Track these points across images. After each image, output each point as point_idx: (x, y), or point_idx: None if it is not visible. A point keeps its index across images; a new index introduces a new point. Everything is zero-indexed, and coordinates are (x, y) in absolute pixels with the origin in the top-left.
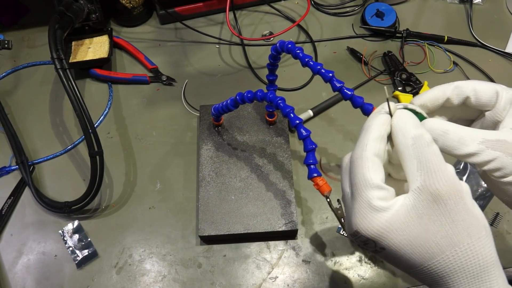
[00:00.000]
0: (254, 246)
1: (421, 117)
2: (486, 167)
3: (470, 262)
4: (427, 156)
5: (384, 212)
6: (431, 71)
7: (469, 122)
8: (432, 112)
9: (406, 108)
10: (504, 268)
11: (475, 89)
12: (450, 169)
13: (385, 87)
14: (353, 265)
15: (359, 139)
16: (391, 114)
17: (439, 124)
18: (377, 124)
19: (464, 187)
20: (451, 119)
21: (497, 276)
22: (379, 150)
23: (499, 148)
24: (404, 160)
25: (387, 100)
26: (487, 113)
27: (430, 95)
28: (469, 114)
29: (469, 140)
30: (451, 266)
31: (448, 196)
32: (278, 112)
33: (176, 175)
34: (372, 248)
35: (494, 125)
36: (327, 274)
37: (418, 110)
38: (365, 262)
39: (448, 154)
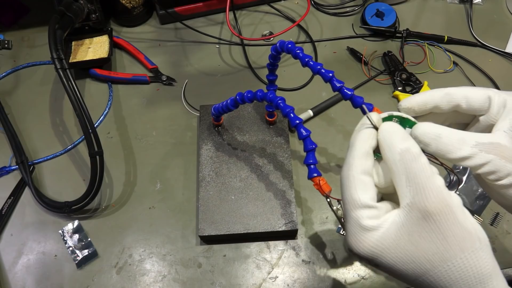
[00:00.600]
0: (254, 246)
1: (410, 123)
2: (480, 171)
3: (465, 275)
4: (415, 172)
5: (375, 231)
6: (431, 71)
7: (463, 126)
8: (421, 117)
9: (392, 115)
10: (504, 268)
11: (466, 96)
12: (439, 183)
13: (363, 105)
14: (353, 265)
15: (346, 157)
16: (376, 128)
17: (431, 128)
18: (360, 141)
19: (454, 201)
20: (443, 124)
21: (495, 286)
22: (365, 167)
23: (492, 151)
24: (393, 175)
25: (368, 116)
26: (481, 117)
27: (418, 99)
28: (463, 119)
29: (462, 143)
30: (445, 280)
31: (437, 213)
32: (278, 112)
33: (176, 175)
34: (369, 264)
35: (488, 128)
36: (327, 274)
37: (405, 116)
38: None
39: (442, 158)
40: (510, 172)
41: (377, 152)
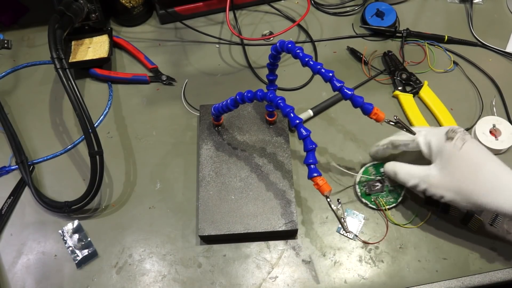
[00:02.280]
0: (254, 246)
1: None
2: (426, 193)
3: None
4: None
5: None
6: (431, 71)
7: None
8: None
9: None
10: (504, 268)
11: (404, 142)
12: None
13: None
14: (353, 265)
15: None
16: None
17: (391, 166)
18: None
19: None
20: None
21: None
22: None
23: (427, 181)
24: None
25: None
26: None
27: (378, 154)
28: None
29: (410, 177)
30: None
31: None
32: (278, 112)
33: (176, 175)
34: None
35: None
36: (327, 274)
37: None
38: (365, 262)
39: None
40: (442, 195)
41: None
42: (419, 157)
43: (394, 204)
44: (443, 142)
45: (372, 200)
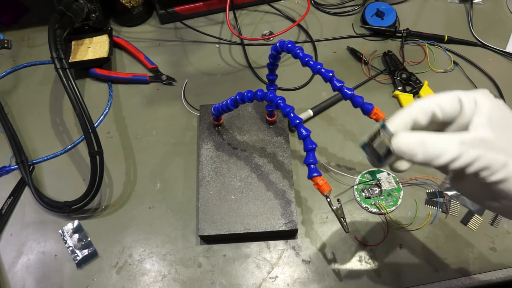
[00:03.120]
0: (254, 246)
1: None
2: (471, 169)
3: None
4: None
5: None
6: (431, 71)
7: None
8: None
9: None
10: (504, 268)
11: (438, 102)
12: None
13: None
14: (353, 265)
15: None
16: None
17: (413, 136)
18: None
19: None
20: None
21: None
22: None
23: (480, 146)
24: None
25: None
26: (455, 122)
27: (398, 123)
28: (436, 128)
29: (448, 144)
30: None
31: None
32: (278, 112)
33: (176, 175)
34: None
35: (463, 129)
36: (327, 274)
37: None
38: (365, 262)
39: (430, 167)
40: (504, 163)
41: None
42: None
43: (394, 207)
44: (493, 98)
45: (373, 203)
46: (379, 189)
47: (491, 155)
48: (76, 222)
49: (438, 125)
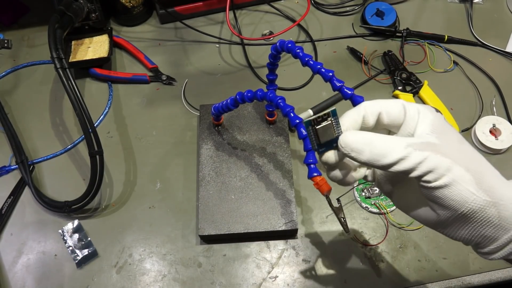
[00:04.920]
0: (254, 246)
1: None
2: (416, 172)
3: None
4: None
5: None
6: (431, 71)
7: None
8: None
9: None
10: (504, 267)
11: (385, 106)
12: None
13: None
14: (353, 265)
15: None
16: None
17: (362, 134)
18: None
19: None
20: None
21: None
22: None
23: (426, 149)
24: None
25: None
26: (399, 130)
27: (348, 121)
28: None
29: (395, 145)
30: None
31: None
32: (278, 112)
33: (176, 175)
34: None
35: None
36: (327, 273)
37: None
38: (365, 262)
39: (375, 167)
40: (448, 167)
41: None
42: None
43: (394, 207)
44: (434, 112)
45: (373, 203)
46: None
47: (437, 158)
48: (76, 222)
49: (384, 131)
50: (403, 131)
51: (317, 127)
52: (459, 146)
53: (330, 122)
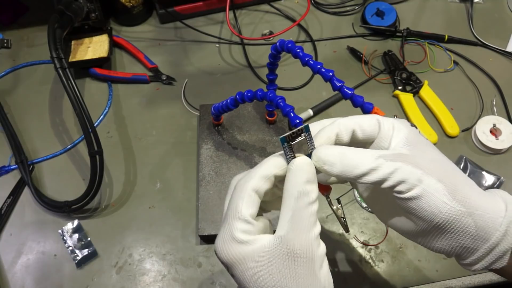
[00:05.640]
0: None
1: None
2: (387, 183)
3: None
4: (302, 215)
5: (242, 245)
6: (431, 70)
7: None
8: None
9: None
10: None
11: (358, 122)
12: (316, 232)
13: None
14: (353, 265)
15: (252, 169)
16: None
17: (335, 148)
18: (270, 165)
19: (319, 252)
20: None
21: None
22: (261, 188)
23: (397, 159)
24: (283, 205)
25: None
26: (373, 144)
27: (322, 138)
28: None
29: (367, 156)
30: None
31: (300, 255)
32: (278, 112)
33: (176, 175)
34: (227, 270)
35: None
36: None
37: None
38: (365, 262)
39: (348, 180)
40: (419, 178)
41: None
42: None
43: None
44: (409, 126)
45: None
46: None
47: (408, 169)
48: (76, 222)
49: (359, 145)
50: (377, 145)
51: (292, 143)
52: (433, 157)
53: (304, 138)
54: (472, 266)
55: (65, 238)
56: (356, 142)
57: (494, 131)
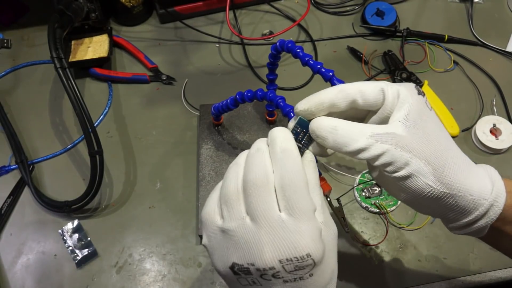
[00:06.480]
0: None
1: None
2: (377, 162)
3: None
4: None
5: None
6: (431, 70)
7: (360, 121)
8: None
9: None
10: (504, 268)
11: (361, 90)
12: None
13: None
14: (353, 265)
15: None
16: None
17: (327, 121)
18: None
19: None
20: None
21: None
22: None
23: (388, 141)
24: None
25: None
26: (378, 112)
27: (314, 99)
28: (359, 115)
29: (359, 134)
30: None
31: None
32: (278, 111)
33: (176, 175)
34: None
35: (385, 121)
36: None
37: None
38: (365, 262)
39: (340, 153)
40: (407, 162)
41: None
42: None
43: (394, 207)
44: (416, 95)
45: (373, 203)
46: (379, 189)
47: (396, 152)
48: (76, 222)
49: (361, 112)
50: (380, 114)
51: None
52: (429, 135)
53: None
54: (453, 231)
55: (65, 238)
56: (358, 109)
57: (494, 131)
